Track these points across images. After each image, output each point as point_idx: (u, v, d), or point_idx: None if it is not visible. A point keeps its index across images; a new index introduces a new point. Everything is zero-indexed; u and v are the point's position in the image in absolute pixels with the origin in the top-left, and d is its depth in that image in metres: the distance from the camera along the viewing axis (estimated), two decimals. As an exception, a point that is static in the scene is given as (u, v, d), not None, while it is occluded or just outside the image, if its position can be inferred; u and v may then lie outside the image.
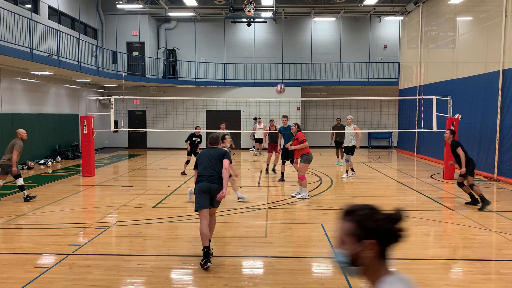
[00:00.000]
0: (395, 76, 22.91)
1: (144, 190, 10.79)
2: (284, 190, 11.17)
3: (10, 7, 14.17)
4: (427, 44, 18.52)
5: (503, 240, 6.65)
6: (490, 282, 5.04)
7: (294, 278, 5.12)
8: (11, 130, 14.93)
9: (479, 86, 13.62)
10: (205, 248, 5.42)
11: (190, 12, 22.30)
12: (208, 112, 23.23)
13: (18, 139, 9.56)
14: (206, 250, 5.41)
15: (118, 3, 20.30)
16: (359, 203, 1.82)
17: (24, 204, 9.15)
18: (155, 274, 5.22)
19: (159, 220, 7.82)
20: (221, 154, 5.89)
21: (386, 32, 23.91)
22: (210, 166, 5.77)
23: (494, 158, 12.47)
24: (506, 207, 8.95)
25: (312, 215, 8.21)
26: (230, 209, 8.73)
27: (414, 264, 5.62)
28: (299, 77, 23.56)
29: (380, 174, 13.89)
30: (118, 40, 21.65)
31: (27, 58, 12.88)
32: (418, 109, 18.29)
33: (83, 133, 13.02)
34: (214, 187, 5.68)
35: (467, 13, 15.21)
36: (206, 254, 5.39)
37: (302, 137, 9.64)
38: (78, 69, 16.12)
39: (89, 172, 13.00)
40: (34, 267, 5.43)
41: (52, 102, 18.02)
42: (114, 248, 6.29)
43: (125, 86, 21.18)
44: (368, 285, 1.73)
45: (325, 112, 23.06)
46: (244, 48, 24.16)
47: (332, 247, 6.24)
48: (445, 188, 11.32)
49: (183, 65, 23.80)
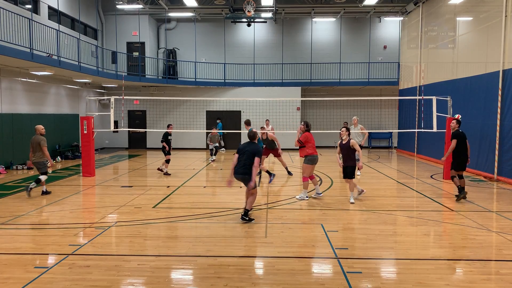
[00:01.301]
0: (395, 76, 22.91)
1: (144, 190, 10.79)
2: (284, 190, 11.17)
3: (10, 7, 14.18)
4: (427, 44, 18.52)
5: (503, 240, 6.65)
6: (490, 282, 5.04)
7: (294, 278, 5.12)
8: (11, 130, 14.95)
9: (479, 86, 13.62)
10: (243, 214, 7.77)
11: (190, 12, 22.32)
12: (208, 112, 23.24)
13: (39, 136, 9.98)
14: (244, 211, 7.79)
15: (118, 3, 20.30)
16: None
17: (24, 204, 9.15)
18: (155, 274, 5.22)
19: (159, 220, 7.82)
20: (255, 150, 7.66)
21: (386, 32, 23.92)
22: (243, 160, 7.65)
23: (494, 158, 12.47)
24: (506, 207, 8.95)
25: (312, 215, 8.21)
26: (230, 209, 8.72)
27: (414, 264, 5.62)
28: (299, 77, 23.57)
29: (380, 174, 13.88)
30: (118, 40, 21.66)
31: (27, 58, 12.88)
32: (418, 109, 18.29)
33: (83, 133, 13.02)
34: (243, 177, 7.67)
35: (467, 13, 15.21)
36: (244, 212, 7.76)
37: (305, 138, 9.51)
38: (78, 69, 16.12)
39: (89, 172, 13.00)
40: (34, 267, 5.43)
41: (52, 102, 18.02)
42: (114, 248, 6.29)
43: (125, 86, 21.21)
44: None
45: (325, 112, 23.08)
46: (244, 48, 24.17)
47: (332, 247, 6.24)
48: (445, 188, 11.33)
49: (183, 65, 23.81)
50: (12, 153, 15.03)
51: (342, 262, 5.63)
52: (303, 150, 9.59)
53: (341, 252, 6.02)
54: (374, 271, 5.39)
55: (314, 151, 9.51)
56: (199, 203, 9.35)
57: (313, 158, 9.47)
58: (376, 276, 5.21)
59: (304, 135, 9.55)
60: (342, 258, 5.80)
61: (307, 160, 9.49)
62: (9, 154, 14.90)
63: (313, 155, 9.48)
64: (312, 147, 9.51)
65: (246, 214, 7.74)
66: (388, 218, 8.06)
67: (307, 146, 9.50)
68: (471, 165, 13.90)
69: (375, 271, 5.41)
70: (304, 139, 9.50)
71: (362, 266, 5.51)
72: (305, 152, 9.52)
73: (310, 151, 9.47)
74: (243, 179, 7.69)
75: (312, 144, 9.52)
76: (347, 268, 5.41)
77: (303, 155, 9.62)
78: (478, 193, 10.48)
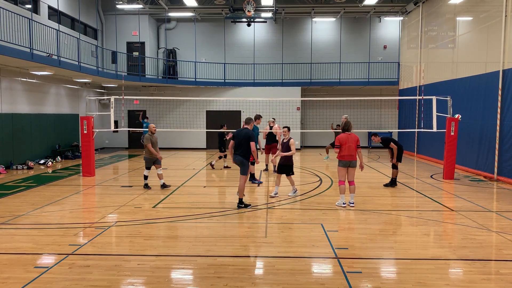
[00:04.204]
0: (395, 76, 22.91)
1: (144, 190, 10.79)
2: (284, 190, 11.17)
3: (10, 7, 14.17)
4: (427, 44, 18.52)
5: (503, 240, 6.65)
6: (490, 282, 5.04)
7: (294, 278, 5.12)
8: (11, 130, 14.95)
9: (479, 86, 13.62)
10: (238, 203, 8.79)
11: (190, 12, 22.31)
12: (208, 112, 23.24)
13: (148, 134, 10.79)
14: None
15: (118, 3, 20.30)
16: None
17: (24, 204, 9.15)
18: (155, 274, 5.22)
19: (159, 220, 7.82)
20: (247, 135, 8.68)
21: (386, 32, 23.91)
22: (239, 144, 8.69)
23: (494, 158, 12.47)
24: (506, 207, 8.95)
25: (312, 215, 8.21)
26: (230, 209, 8.73)
27: (414, 264, 5.62)
28: (299, 77, 23.57)
29: (380, 174, 13.88)
30: (118, 40, 21.65)
31: (27, 58, 12.87)
32: (418, 109, 18.29)
33: (83, 133, 13.01)
34: (241, 161, 8.68)
35: (467, 13, 15.21)
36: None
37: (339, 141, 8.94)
38: (78, 69, 16.11)
39: (89, 172, 13.00)
40: (34, 267, 5.43)
41: (52, 102, 18.02)
42: (114, 248, 6.29)
43: (125, 86, 21.21)
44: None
45: (325, 112, 23.07)
46: (244, 48, 24.16)
47: (332, 247, 6.25)
48: (445, 188, 11.32)
49: (183, 65, 23.80)
50: (12, 153, 15.03)
51: (342, 262, 5.63)
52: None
53: (341, 252, 6.02)
54: (374, 271, 5.39)
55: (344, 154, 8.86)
56: (199, 203, 9.35)
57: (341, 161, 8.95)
58: (376, 276, 5.21)
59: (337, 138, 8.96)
60: (342, 258, 5.80)
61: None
62: (9, 154, 14.90)
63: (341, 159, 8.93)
64: (345, 149, 8.85)
65: (240, 202, 8.73)
66: (388, 218, 8.06)
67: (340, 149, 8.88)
68: (471, 165, 13.93)
69: (375, 271, 5.41)
70: (338, 142, 8.89)
71: (362, 266, 5.51)
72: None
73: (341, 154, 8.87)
74: (242, 163, 8.69)
75: (345, 147, 8.86)
76: (347, 268, 5.42)
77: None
78: (478, 193, 10.48)
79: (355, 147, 8.79)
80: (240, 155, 8.70)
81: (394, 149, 10.90)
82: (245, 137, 8.69)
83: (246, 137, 8.69)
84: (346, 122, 9.06)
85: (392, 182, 11.34)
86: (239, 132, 8.89)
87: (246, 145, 8.66)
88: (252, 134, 8.79)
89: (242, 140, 8.72)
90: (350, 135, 8.86)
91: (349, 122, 9.08)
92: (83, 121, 12.99)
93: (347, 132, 8.93)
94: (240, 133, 8.83)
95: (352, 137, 8.84)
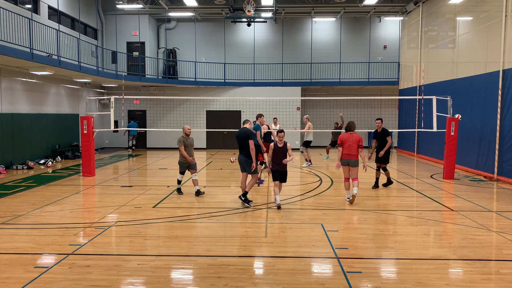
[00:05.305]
0: (395, 76, 22.91)
1: (144, 190, 10.79)
2: (284, 190, 11.16)
3: (10, 7, 14.17)
4: (427, 44, 18.52)
5: (503, 240, 6.65)
6: (490, 282, 5.04)
7: (294, 278, 5.12)
8: (11, 130, 14.95)
9: (479, 86, 13.62)
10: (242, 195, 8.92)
11: (190, 12, 22.31)
12: (208, 112, 23.24)
13: (181, 136, 10.40)
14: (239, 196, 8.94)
15: (118, 3, 20.30)
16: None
17: (24, 204, 9.15)
18: (155, 274, 5.22)
19: (159, 220, 7.82)
20: (245, 134, 8.87)
21: (386, 32, 23.91)
22: (240, 145, 8.93)
23: (494, 158, 12.47)
24: (506, 207, 8.95)
25: (312, 215, 8.20)
26: (230, 209, 8.73)
27: (414, 264, 5.62)
28: (299, 77, 23.57)
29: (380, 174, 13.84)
30: (118, 40, 21.65)
31: (27, 58, 12.87)
32: (418, 109, 18.30)
33: (83, 133, 13.01)
34: (246, 161, 8.89)
35: (467, 13, 15.20)
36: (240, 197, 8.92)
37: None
38: (78, 69, 16.11)
39: (89, 172, 13.00)
40: (34, 267, 5.43)
41: (52, 102, 18.02)
42: (114, 248, 6.29)
43: (125, 86, 21.19)
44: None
45: (325, 112, 23.07)
46: (244, 48, 24.17)
47: (332, 247, 6.25)
48: (445, 188, 11.32)
49: (183, 65, 23.80)
50: (12, 153, 15.03)
51: (342, 262, 5.63)
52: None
53: (341, 252, 6.02)
54: (374, 271, 5.39)
55: (346, 153, 9.04)
56: (199, 203, 9.35)
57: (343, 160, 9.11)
58: (376, 276, 5.21)
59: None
60: (342, 258, 5.80)
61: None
62: (9, 154, 14.90)
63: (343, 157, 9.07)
64: (345, 148, 9.04)
65: (244, 195, 8.87)
66: (388, 218, 8.06)
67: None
68: (471, 165, 13.93)
69: (375, 271, 5.42)
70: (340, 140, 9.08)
71: (362, 266, 5.51)
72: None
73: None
74: (246, 163, 8.87)
75: (345, 146, 9.05)
76: (347, 268, 5.42)
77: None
78: (478, 193, 10.49)
79: (356, 146, 8.99)
80: (244, 155, 8.90)
81: (388, 143, 10.89)
82: (243, 136, 8.87)
83: (245, 136, 8.86)
84: (349, 122, 9.29)
85: (388, 180, 11.42)
86: (239, 132, 9.04)
87: (247, 144, 8.80)
88: (250, 133, 8.92)
89: (242, 140, 8.90)
90: (352, 135, 9.09)
91: (352, 122, 9.30)
92: (83, 121, 12.99)
93: (349, 131, 9.15)
94: (240, 133, 9.00)
95: (354, 137, 9.07)
